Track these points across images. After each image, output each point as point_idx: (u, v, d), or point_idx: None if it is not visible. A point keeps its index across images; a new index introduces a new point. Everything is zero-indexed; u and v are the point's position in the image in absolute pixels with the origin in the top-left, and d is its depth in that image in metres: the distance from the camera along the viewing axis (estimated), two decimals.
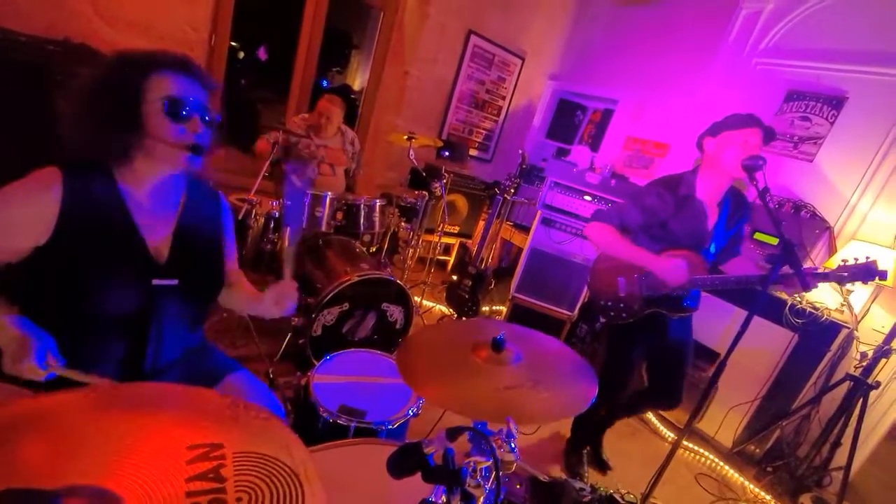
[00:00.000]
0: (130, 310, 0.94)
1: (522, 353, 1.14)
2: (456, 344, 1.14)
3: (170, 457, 0.48)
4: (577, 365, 1.16)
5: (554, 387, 1.05)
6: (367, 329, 2.29)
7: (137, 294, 0.94)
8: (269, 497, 0.46)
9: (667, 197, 1.75)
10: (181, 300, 1.01)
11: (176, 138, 0.91)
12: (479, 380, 1.02)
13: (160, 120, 0.90)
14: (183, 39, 2.78)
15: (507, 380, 1.04)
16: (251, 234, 2.35)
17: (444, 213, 3.39)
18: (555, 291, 3.29)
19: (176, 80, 0.91)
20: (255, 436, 0.54)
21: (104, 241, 0.90)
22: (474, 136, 4.55)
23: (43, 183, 0.86)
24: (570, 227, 3.21)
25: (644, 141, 3.82)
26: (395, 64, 3.81)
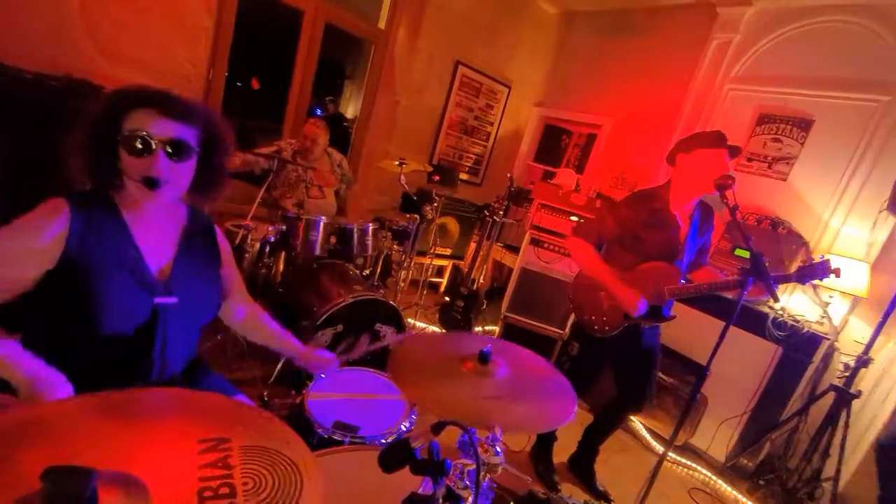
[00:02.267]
0: (138, 324, 1.00)
1: (508, 368, 1.20)
2: (446, 353, 1.21)
3: (183, 448, 0.54)
4: (559, 384, 1.23)
5: (532, 402, 1.11)
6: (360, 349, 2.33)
7: (142, 310, 1.00)
8: (272, 483, 0.52)
9: (640, 210, 1.86)
10: (181, 317, 1.07)
11: (133, 172, 0.95)
12: (462, 388, 1.09)
13: (123, 154, 0.96)
14: (182, 75, 2.91)
15: (488, 390, 1.10)
16: (247, 259, 2.41)
17: (435, 235, 3.49)
18: (545, 310, 3.35)
19: (149, 116, 0.96)
20: (258, 432, 0.60)
21: (110, 265, 0.96)
22: (464, 161, 4.69)
23: (51, 213, 0.92)
24: (558, 247, 3.30)
25: (627, 163, 3.97)
26: (387, 93, 3.97)
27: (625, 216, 1.87)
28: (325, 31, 3.53)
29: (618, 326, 1.90)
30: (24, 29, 2.39)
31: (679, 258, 1.86)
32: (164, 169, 0.96)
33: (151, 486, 0.47)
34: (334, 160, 3.19)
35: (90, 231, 0.95)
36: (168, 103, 0.98)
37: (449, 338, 1.64)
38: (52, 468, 0.40)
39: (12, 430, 0.53)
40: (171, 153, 0.97)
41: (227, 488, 0.50)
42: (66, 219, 0.92)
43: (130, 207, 1.01)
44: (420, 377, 1.13)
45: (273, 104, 3.94)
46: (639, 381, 2.01)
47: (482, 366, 1.17)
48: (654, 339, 2.00)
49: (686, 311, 2.65)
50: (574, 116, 4.50)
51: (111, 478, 0.46)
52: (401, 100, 4.00)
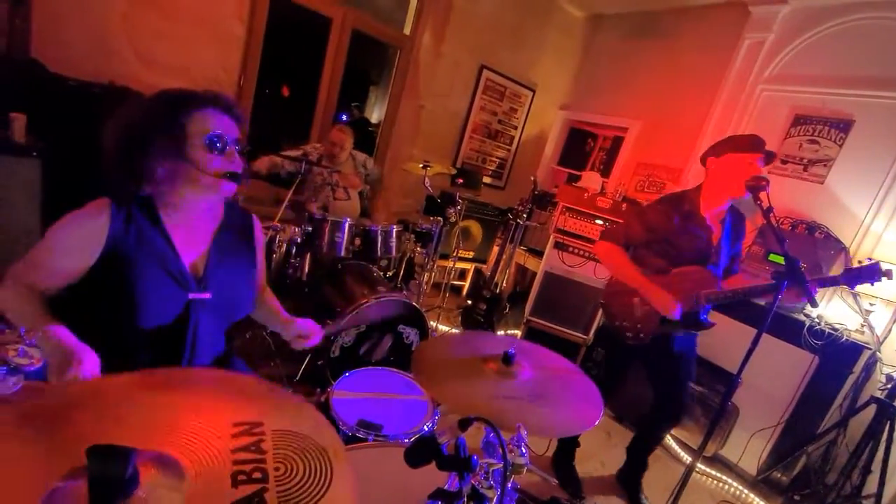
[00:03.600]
0: (168, 321, 1.04)
1: (532, 370, 1.20)
2: (469, 354, 1.21)
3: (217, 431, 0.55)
4: (585, 387, 1.21)
5: (557, 404, 1.09)
6: (383, 350, 2.35)
7: (175, 305, 1.04)
8: (303, 469, 0.53)
9: (670, 213, 1.82)
10: (214, 312, 1.11)
11: (217, 168, 1.03)
12: (485, 389, 1.08)
13: (203, 153, 1.02)
14: (214, 80, 3.01)
15: (512, 392, 1.09)
16: (275, 260, 2.46)
17: (458, 238, 3.49)
18: (569, 315, 3.31)
19: (214, 116, 1.03)
20: (290, 417, 0.61)
21: (146, 261, 1.01)
22: (487, 165, 4.69)
23: (94, 211, 0.98)
24: (582, 251, 3.26)
25: (655, 166, 3.89)
26: (411, 98, 4.01)
27: (654, 220, 1.84)
28: (351, 38, 3.60)
29: (652, 333, 1.85)
30: (68, 39, 2.52)
31: (712, 262, 1.81)
32: (240, 163, 1.07)
33: (187, 467, 0.49)
34: (358, 161, 3.25)
35: (129, 228, 1.00)
36: (232, 106, 1.07)
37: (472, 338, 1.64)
38: (95, 447, 0.42)
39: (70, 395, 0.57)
40: (240, 150, 1.07)
41: (260, 473, 0.51)
42: (108, 217, 0.98)
43: (168, 205, 1.06)
44: (443, 377, 1.14)
45: (301, 110, 4.03)
46: (673, 393, 1.96)
47: (506, 367, 1.17)
48: (688, 347, 1.94)
49: (717, 318, 2.57)
50: (600, 119, 4.44)
51: (149, 457, 0.48)
52: (425, 104, 4.04)
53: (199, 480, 0.48)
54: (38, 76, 2.34)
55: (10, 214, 2.03)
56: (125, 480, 0.41)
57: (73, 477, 0.47)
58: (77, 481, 0.46)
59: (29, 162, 2.06)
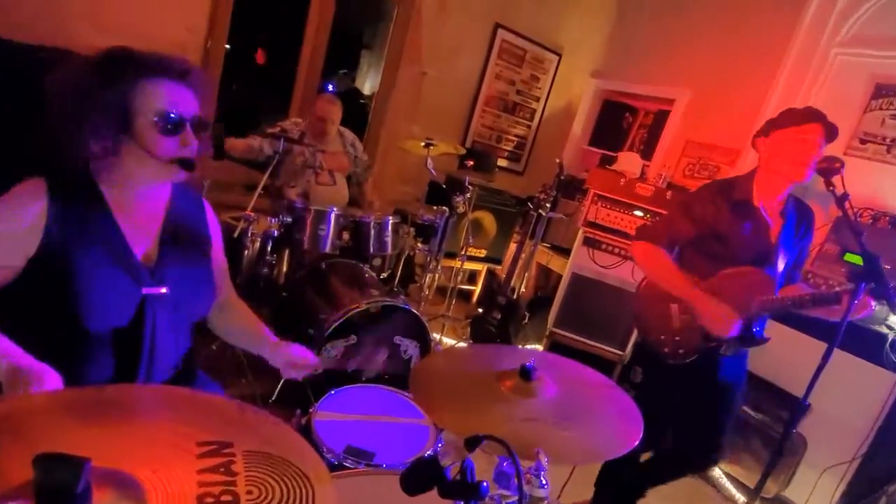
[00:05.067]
0: (123, 322, 1.05)
1: (556, 386, 1.20)
2: (481, 369, 1.22)
3: (180, 451, 0.57)
4: (621, 404, 1.22)
5: (581, 427, 1.10)
6: (377, 366, 2.37)
7: (129, 304, 1.05)
8: (280, 494, 0.55)
9: (721, 204, 1.80)
10: (172, 310, 1.12)
11: (167, 153, 1.04)
12: (500, 410, 1.09)
13: (152, 133, 1.02)
14: (178, 43, 3.04)
15: (532, 413, 1.10)
16: (246, 257, 2.49)
17: (468, 233, 3.50)
18: (602, 326, 3.32)
19: (169, 87, 1.04)
20: (264, 438, 0.63)
21: (92, 249, 1.02)
22: (503, 144, 4.70)
23: (28, 194, 0.99)
24: (618, 249, 3.26)
25: (707, 146, 3.87)
26: (411, 64, 4.02)
27: (701, 212, 1.82)
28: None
29: (695, 350, 1.84)
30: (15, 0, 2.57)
31: (772, 263, 1.80)
32: (195, 146, 1.07)
33: (146, 487, 0.50)
34: (346, 140, 3.27)
35: (70, 213, 1.00)
36: (192, 74, 1.07)
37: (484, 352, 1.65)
38: (43, 455, 0.44)
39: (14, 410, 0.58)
40: (195, 130, 1.07)
41: (230, 496, 0.53)
42: (45, 200, 0.98)
43: (113, 185, 1.07)
44: (448, 397, 1.15)
45: (279, 79, 4.06)
46: (706, 431, 1.93)
47: (524, 383, 1.18)
48: (738, 371, 1.92)
49: (779, 330, 2.55)
50: (640, 90, 4.43)
51: (105, 475, 0.49)
52: (428, 71, 4.05)
53: (161, 502, 0.50)
54: None
55: None
56: (76, 495, 0.43)
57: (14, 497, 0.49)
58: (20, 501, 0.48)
59: None
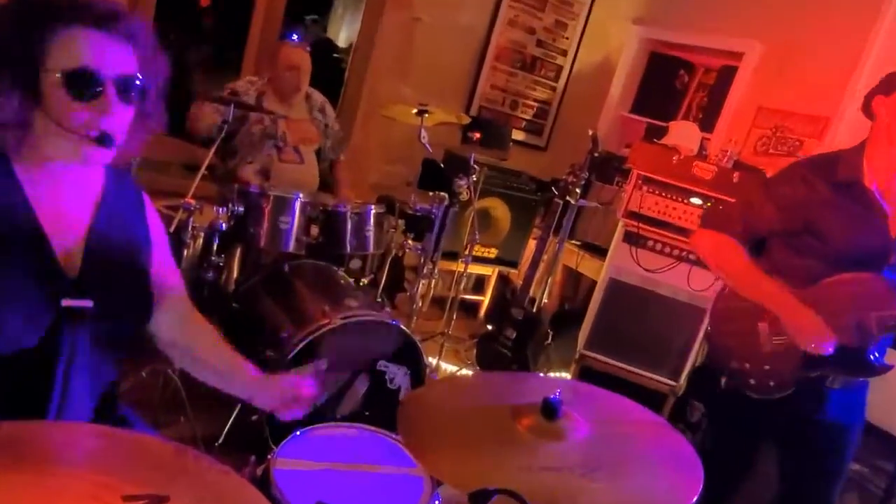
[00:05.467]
0: (32, 342, 1.03)
1: (589, 425, 1.20)
2: (491, 404, 1.22)
3: None
4: (673, 451, 1.21)
5: (621, 478, 1.10)
6: (355, 399, 2.37)
7: (42, 319, 1.04)
8: None
9: (818, 185, 1.79)
10: (96, 330, 1.12)
11: (77, 124, 1.02)
12: (516, 457, 1.09)
13: (59, 96, 1.00)
14: None
15: (557, 460, 1.10)
16: (186, 257, 2.48)
17: (473, 227, 3.50)
18: (648, 348, 3.31)
19: (85, 36, 1.02)
20: (209, 490, 0.62)
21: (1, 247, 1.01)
22: (520, 112, 4.71)
23: None
24: (669, 247, 3.26)
25: (788, 113, 3.88)
26: (399, 7, 4.03)
27: (791, 194, 1.81)
28: None
29: (791, 382, 1.82)
30: None
31: (891, 266, 1.79)
32: (119, 118, 1.04)
33: None
34: (314, 104, 3.27)
35: None
36: (117, 19, 1.04)
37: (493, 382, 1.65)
38: None
39: None
40: (122, 95, 1.05)
41: None
42: None
43: (29, 164, 1.06)
44: (448, 440, 1.15)
45: (228, 27, 4.06)
46: (821, 483, 1.92)
47: (547, 422, 1.18)
48: (851, 410, 1.90)
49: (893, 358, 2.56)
50: (698, 41, 4.43)
51: None
52: (422, 17, 4.05)
53: None
54: None
55: None
56: None
57: None
58: None
59: None
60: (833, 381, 1.81)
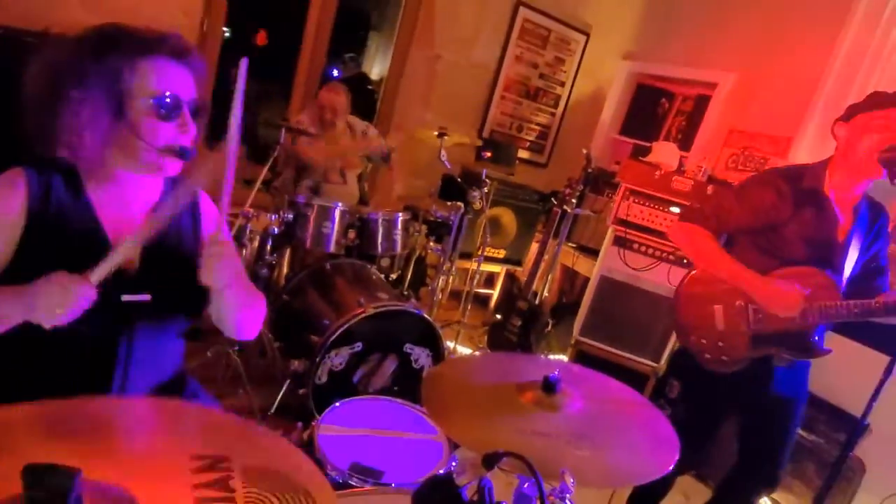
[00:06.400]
0: (97, 331, 1.04)
1: (583, 401, 1.20)
2: (499, 381, 1.23)
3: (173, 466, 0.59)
4: (654, 424, 1.21)
5: (611, 447, 1.10)
6: (385, 377, 2.39)
7: (105, 312, 1.01)
8: None
9: (785, 191, 1.75)
10: (154, 319, 1.13)
11: (164, 141, 1.04)
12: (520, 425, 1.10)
13: (148, 119, 1.02)
14: (172, 25, 3.05)
15: (556, 429, 1.11)
16: (245, 257, 2.52)
17: (485, 231, 3.50)
18: (634, 335, 3.29)
19: (166, 67, 1.03)
20: (263, 453, 0.64)
21: (69, 249, 1.02)
22: (525, 134, 4.69)
23: (7, 188, 0.99)
24: (652, 249, 3.23)
25: (754, 135, 3.82)
26: (423, 46, 4.04)
27: (761, 198, 1.78)
28: None
29: (741, 359, 1.82)
30: None
31: (835, 263, 1.76)
32: (192, 135, 1.07)
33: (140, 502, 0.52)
34: (356, 132, 3.29)
35: (49, 208, 1.01)
36: (190, 53, 1.07)
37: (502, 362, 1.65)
38: (31, 466, 0.45)
39: None
40: (193, 116, 1.08)
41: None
42: (26, 194, 0.99)
43: (97, 177, 1.07)
44: (463, 411, 1.16)
45: (280, 62, 4.09)
46: (771, 447, 1.90)
47: (547, 397, 1.18)
48: (795, 385, 1.88)
49: (836, 342, 2.52)
50: (678, 73, 4.38)
51: (97, 489, 0.51)
52: (442, 54, 4.06)
53: None
54: None
55: None
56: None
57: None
58: None
59: None
60: (779, 361, 1.79)
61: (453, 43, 4.08)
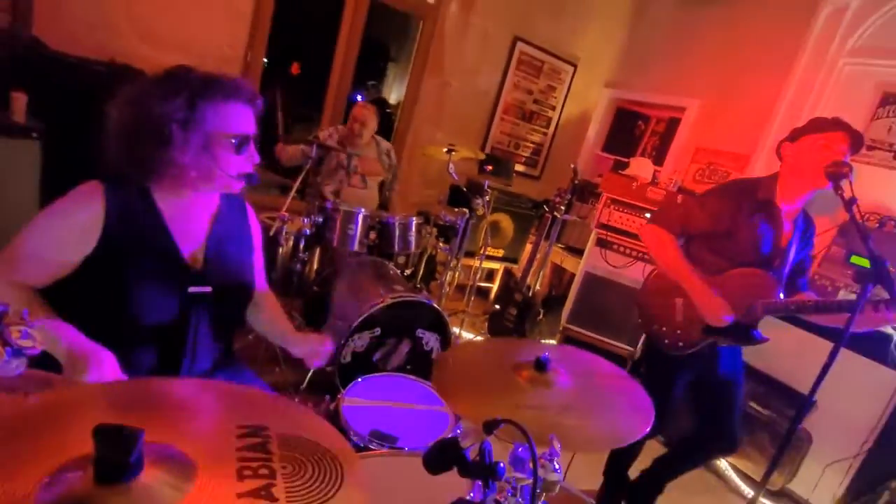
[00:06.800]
0: (168, 318, 1.08)
1: (570, 377, 1.20)
2: (498, 361, 1.22)
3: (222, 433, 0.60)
4: (633, 394, 1.20)
5: (594, 416, 1.10)
6: (400, 357, 2.39)
7: (175, 302, 1.08)
8: (311, 470, 0.57)
9: (742, 201, 1.75)
10: (214, 308, 1.15)
11: (237, 169, 1.09)
12: (515, 399, 1.09)
13: (226, 153, 1.06)
14: (220, 57, 3.10)
15: (547, 402, 1.10)
16: (281, 254, 2.53)
17: (486, 233, 3.49)
18: (613, 323, 3.28)
19: (240, 111, 1.08)
20: (297, 422, 0.66)
21: (144, 251, 1.05)
22: (521, 151, 4.68)
23: (87, 199, 1.01)
24: (630, 250, 3.22)
25: (717, 152, 3.80)
26: (435, 75, 4.03)
27: (719, 208, 1.77)
28: (369, 8, 3.65)
29: (695, 343, 1.81)
30: (69, 15, 2.65)
31: (777, 267, 1.75)
32: (257, 162, 1.13)
33: (192, 459, 0.52)
34: (382, 149, 3.29)
35: (124, 217, 1.02)
36: (256, 98, 1.12)
37: (501, 345, 1.65)
38: (101, 426, 0.46)
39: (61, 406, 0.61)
40: (255, 147, 1.13)
41: (267, 470, 0.55)
42: (103, 205, 1.01)
43: (166, 192, 1.09)
44: (467, 387, 1.16)
45: (312, 89, 4.11)
46: (725, 415, 1.91)
47: (539, 374, 1.18)
48: (736, 365, 1.89)
49: (787, 331, 2.50)
50: (652, 98, 4.37)
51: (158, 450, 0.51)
52: (450, 82, 4.06)
53: (205, 472, 0.52)
54: (39, 54, 2.46)
55: (6, 200, 2.14)
56: (130, 464, 0.44)
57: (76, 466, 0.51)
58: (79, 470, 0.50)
59: (28, 144, 2.17)
60: (724, 343, 1.80)
61: (460, 72, 4.07)
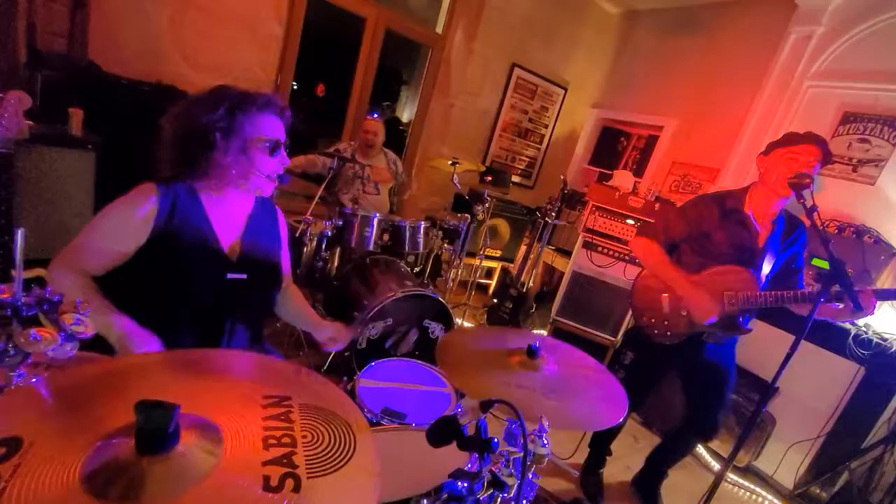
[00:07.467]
0: (209, 302, 1.09)
1: (557, 365, 1.20)
2: (495, 347, 1.23)
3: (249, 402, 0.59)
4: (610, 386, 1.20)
5: (580, 400, 1.10)
6: (409, 344, 2.38)
7: (216, 286, 1.09)
8: (328, 437, 0.57)
9: (711, 207, 1.76)
10: (249, 293, 1.16)
11: (270, 170, 1.13)
12: (509, 380, 1.09)
13: (262, 156, 1.10)
14: (253, 79, 3.12)
15: (536, 385, 1.10)
16: (305, 252, 2.53)
17: (486, 236, 3.49)
18: (597, 316, 3.26)
19: (272, 120, 1.12)
20: (315, 393, 0.64)
21: (189, 241, 1.07)
22: (517, 164, 4.66)
23: (142, 197, 1.05)
24: (612, 251, 3.20)
25: (691, 165, 3.77)
26: (442, 97, 4.04)
27: (694, 215, 1.78)
28: (384, 38, 3.66)
29: (681, 334, 1.80)
30: (121, 41, 2.68)
31: (756, 264, 1.74)
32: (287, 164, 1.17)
33: (223, 428, 0.52)
34: (389, 158, 3.31)
35: (174, 212, 1.06)
36: (285, 110, 1.16)
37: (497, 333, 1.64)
38: (142, 401, 0.46)
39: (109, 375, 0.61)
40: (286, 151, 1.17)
41: (289, 438, 0.55)
42: (155, 200, 1.04)
43: (210, 192, 1.12)
44: (467, 367, 1.16)
45: (334, 108, 4.12)
46: (705, 405, 1.88)
47: (530, 360, 1.18)
48: (723, 355, 1.87)
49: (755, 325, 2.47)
50: (633, 118, 4.34)
51: (191, 420, 0.51)
52: (455, 103, 4.06)
53: (234, 442, 0.52)
54: (94, 75, 2.49)
55: (66, 204, 2.17)
56: (168, 434, 0.44)
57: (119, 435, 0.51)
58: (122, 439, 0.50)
59: (85, 154, 2.19)
60: (708, 337, 1.78)
61: (464, 94, 4.07)
